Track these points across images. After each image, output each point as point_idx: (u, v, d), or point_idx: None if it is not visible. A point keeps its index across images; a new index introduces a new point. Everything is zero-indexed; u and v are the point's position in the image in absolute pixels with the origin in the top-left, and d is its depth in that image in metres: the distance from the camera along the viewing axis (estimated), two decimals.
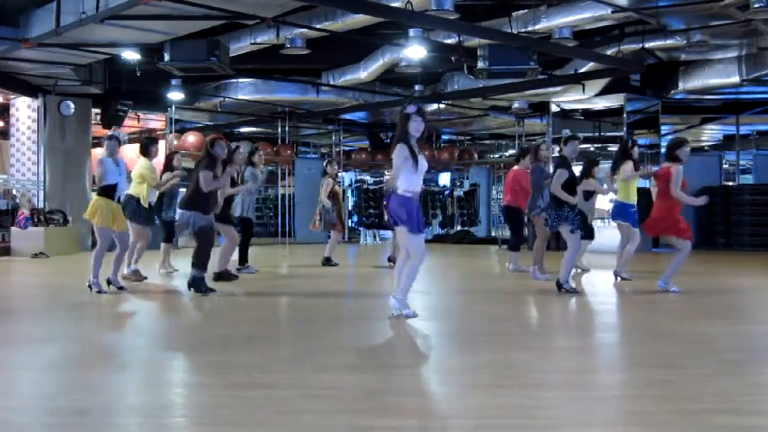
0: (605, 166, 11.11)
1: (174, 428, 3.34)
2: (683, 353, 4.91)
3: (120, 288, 7.97)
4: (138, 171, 9.08)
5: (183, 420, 3.46)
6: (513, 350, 5.01)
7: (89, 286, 7.79)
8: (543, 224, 8.56)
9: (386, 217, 6.29)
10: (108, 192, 7.90)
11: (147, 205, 9.07)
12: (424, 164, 6.09)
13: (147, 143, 9.32)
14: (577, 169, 9.42)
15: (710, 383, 4.01)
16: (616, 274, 9.03)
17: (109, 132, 8.36)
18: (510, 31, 11.31)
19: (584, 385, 4.09)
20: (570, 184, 7.77)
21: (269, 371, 4.34)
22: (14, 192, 15.04)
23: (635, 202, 9.07)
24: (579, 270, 9.87)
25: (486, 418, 3.37)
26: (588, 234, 9.58)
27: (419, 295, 8.91)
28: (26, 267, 11.78)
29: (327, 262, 11.39)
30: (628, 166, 8.96)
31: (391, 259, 11.07)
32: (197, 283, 7.73)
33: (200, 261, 7.84)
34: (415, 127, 6.04)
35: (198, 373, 4.37)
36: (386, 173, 24.91)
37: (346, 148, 22.99)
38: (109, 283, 7.94)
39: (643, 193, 10.11)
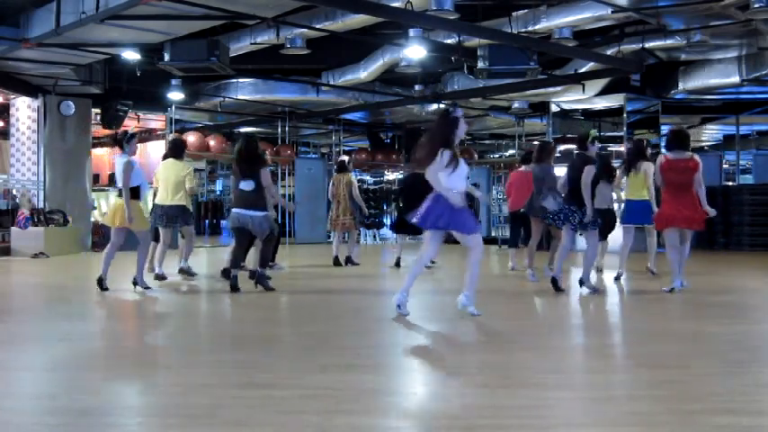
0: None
1: (174, 428, 3.34)
2: (683, 353, 4.92)
3: (147, 288, 8.00)
4: (178, 176, 9.07)
5: (182, 420, 3.46)
6: (513, 350, 5.02)
7: (134, 283, 7.98)
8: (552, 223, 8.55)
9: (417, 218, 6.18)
10: (136, 193, 7.87)
11: (191, 208, 9.28)
12: (464, 167, 6.16)
13: (182, 145, 9.42)
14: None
15: (710, 383, 4.01)
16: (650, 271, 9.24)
17: (129, 131, 8.32)
18: (510, 31, 11.30)
19: (584, 385, 4.09)
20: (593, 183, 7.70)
21: (269, 371, 4.34)
22: (14, 192, 15.04)
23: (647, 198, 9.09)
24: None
25: (486, 418, 3.37)
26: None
27: (420, 295, 8.91)
28: (26, 267, 11.78)
29: (349, 260, 11.43)
30: (651, 169, 8.83)
31: (398, 263, 11.12)
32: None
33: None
34: (463, 130, 6.16)
35: (198, 373, 4.37)
36: (386, 173, 24.95)
37: (346, 148, 22.99)
38: (135, 284, 7.97)
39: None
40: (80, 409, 3.51)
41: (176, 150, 9.42)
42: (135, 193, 7.85)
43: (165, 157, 9.67)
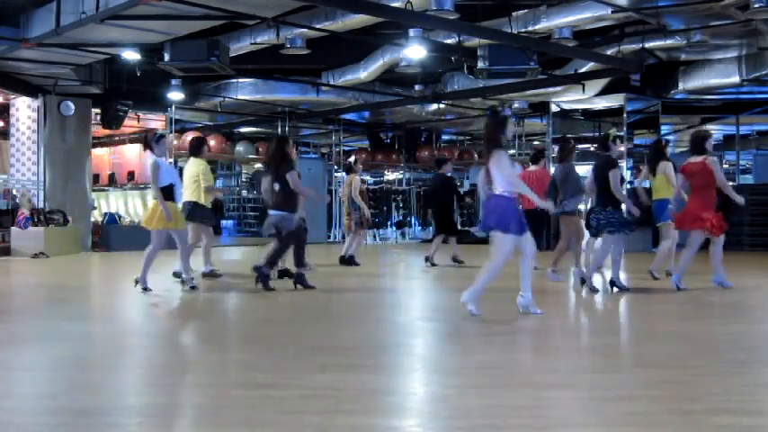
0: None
1: (174, 428, 3.34)
2: (683, 353, 4.92)
3: (144, 289, 7.86)
4: (193, 173, 9.04)
5: (182, 420, 3.47)
6: (513, 350, 5.02)
7: (135, 282, 7.82)
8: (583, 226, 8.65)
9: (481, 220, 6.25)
10: (167, 193, 7.82)
11: (208, 205, 9.09)
12: (517, 167, 6.25)
13: (199, 143, 9.38)
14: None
15: (710, 383, 4.01)
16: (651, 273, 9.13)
17: (158, 132, 8.42)
18: (510, 31, 11.30)
19: (584, 385, 4.09)
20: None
21: (269, 371, 4.34)
22: (14, 192, 15.05)
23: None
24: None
25: (486, 418, 3.37)
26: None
27: (421, 294, 8.92)
28: (26, 267, 11.78)
29: (351, 260, 11.48)
30: (670, 169, 8.96)
31: (456, 259, 11.32)
32: None
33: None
34: (511, 130, 6.25)
35: (198, 373, 4.37)
36: (386, 173, 24.94)
37: (346, 148, 22.99)
38: (136, 282, 7.88)
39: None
40: (80, 409, 3.51)
41: (193, 149, 9.38)
42: (168, 193, 7.85)
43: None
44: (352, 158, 12.43)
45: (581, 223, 9.08)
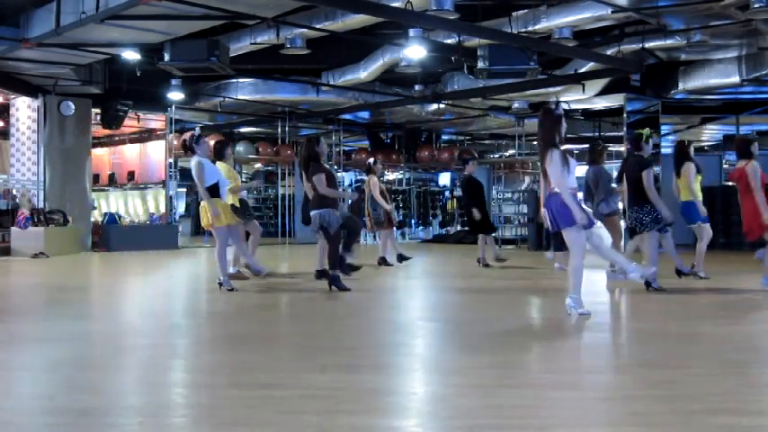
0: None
1: (174, 428, 3.34)
2: (683, 353, 4.92)
3: (231, 289, 7.94)
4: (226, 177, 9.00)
5: (183, 420, 3.46)
6: (513, 350, 5.01)
7: (219, 285, 7.87)
8: (631, 227, 8.64)
9: (547, 222, 6.20)
10: (213, 191, 7.87)
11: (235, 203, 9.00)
12: (573, 162, 6.16)
13: (220, 146, 9.34)
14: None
15: (710, 383, 4.01)
16: (694, 274, 9.20)
17: (196, 133, 8.45)
18: (510, 31, 11.30)
19: (584, 385, 4.09)
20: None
21: (269, 371, 4.34)
22: (14, 192, 15.05)
23: (701, 199, 9.16)
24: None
25: (486, 418, 3.37)
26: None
27: (422, 293, 8.92)
28: (26, 267, 11.78)
29: (402, 257, 11.59)
30: (691, 169, 8.97)
31: (480, 260, 11.42)
32: None
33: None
34: (565, 128, 6.22)
35: (198, 373, 4.37)
36: (386, 173, 24.94)
37: (346, 149, 22.99)
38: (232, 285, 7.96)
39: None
40: (80, 409, 3.51)
41: (216, 152, 9.24)
42: (214, 191, 7.89)
43: None
44: (371, 160, 12.44)
45: (620, 224, 9.12)
